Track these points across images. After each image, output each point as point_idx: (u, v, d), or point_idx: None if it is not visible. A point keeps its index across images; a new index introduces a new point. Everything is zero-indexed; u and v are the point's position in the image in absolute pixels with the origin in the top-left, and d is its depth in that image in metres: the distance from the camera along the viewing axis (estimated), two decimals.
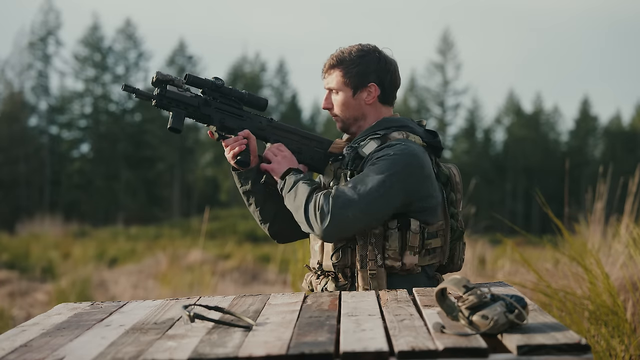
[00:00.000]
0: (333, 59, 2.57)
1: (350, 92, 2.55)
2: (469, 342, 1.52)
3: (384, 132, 2.49)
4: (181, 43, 42.67)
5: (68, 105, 40.47)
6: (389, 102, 2.61)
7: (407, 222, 2.41)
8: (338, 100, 2.57)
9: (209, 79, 2.61)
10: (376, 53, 2.56)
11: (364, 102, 2.56)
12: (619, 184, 5.41)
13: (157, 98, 2.51)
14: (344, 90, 2.55)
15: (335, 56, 2.57)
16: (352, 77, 2.54)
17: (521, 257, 4.54)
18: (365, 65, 2.54)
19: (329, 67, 2.57)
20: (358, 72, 2.53)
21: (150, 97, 2.53)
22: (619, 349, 3.59)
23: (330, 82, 2.58)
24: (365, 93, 2.55)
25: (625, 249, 4.60)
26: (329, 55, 2.59)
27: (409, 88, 44.87)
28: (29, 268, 12.56)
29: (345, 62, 2.54)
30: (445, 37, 43.59)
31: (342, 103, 2.56)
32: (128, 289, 9.63)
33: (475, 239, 7.88)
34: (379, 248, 2.41)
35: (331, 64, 2.57)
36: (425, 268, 2.48)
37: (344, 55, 2.55)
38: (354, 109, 2.56)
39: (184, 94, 2.55)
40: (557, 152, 44.52)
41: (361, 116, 2.57)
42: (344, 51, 2.57)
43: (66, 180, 38.88)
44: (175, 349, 1.61)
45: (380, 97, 2.57)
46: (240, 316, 1.88)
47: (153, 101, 2.52)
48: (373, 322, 1.78)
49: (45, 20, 39.82)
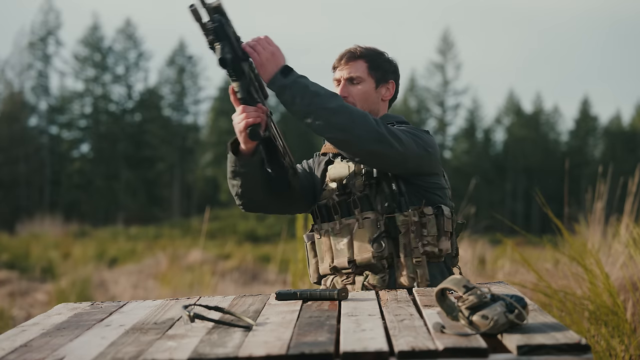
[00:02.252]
0: (358, 51, 2.57)
1: (373, 84, 2.57)
2: (469, 342, 1.52)
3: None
4: (181, 43, 42.68)
5: (68, 105, 40.49)
6: (392, 104, 2.69)
7: (440, 208, 2.46)
8: (359, 89, 2.56)
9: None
10: (388, 56, 2.64)
11: (382, 97, 2.60)
12: (619, 184, 5.41)
13: (218, 22, 2.26)
14: (368, 81, 2.57)
15: (359, 49, 2.58)
16: (377, 70, 2.58)
17: (521, 257, 4.54)
18: (388, 63, 2.61)
19: (352, 57, 2.57)
20: (382, 67, 2.59)
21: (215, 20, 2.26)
22: (619, 349, 3.59)
23: (354, 71, 2.56)
24: (384, 89, 2.60)
25: (625, 249, 4.60)
26: (349, 49, 2.58)
27: (409, 88, 44.89)
28: (29, 268, 12.57)
29: (371, 56, 2.58)
30: (445, 37, 43.61)
31: (364, 92, 2.56)
32: (128, 289, 9.63)
33: (475, 239, 7.88)
34: (419, 235, 2.42)
35: (356, 55, 2.57)
36: (446, 257, 2.51)
37: (367, 50, 2.59)
38: (372, 102, 2.58)
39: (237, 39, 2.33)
40: (557, 152, 44.53)
41: (375, 110, 2.59)
42: (364, 47, 2.60)
43: (66, 180, 38.89)
44: (175, 349, 1.61)
45: (392, 97, 2.65)
46: (240, 316, 1.88)
47: (213, 24, 2.26)
48: (373, 322, 1.78)
49: (45, 20, 39.84)
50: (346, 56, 2.56)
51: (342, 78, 2.56)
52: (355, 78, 2.55)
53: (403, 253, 2.42)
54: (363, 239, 2.44)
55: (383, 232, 2.43)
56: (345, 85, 2.55)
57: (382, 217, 2.44)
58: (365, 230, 2.44)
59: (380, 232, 2.43)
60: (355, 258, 2.45)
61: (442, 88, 43.98)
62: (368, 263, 2.44)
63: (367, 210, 2.45)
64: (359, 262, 2.45)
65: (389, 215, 2.44)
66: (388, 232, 2.43)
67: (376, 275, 2.44)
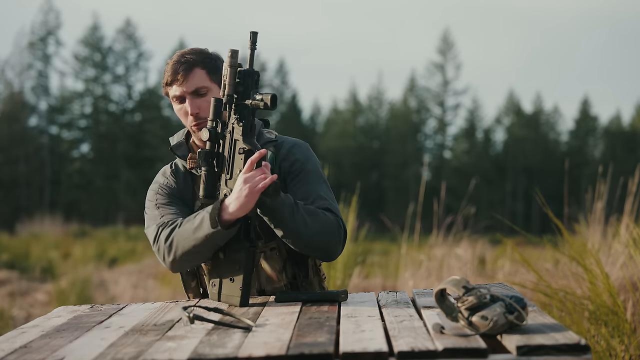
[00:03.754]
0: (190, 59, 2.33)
1: (218, 89, 2.35)
2: (469, 343, 1.52)
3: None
4: (181, 43, 42.67)
5: (68, 105, 40.51)
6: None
7: None
8: (209, 101, 2.28)
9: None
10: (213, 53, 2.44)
11: None
12: (619, 184, 5.41)
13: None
14: (213, 89, 2.35)
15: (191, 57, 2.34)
16: (216, 73, 2.36)
17: (521, 257, 4.54)
18: (219, 61, 2.41)
19: (189, 67, 2.31)
20: (219, 68, 2.38)
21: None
22: (619, 349, 3.59)
23: (197, 82, 2.31)
24: None
25: (625, 249, 4.60)
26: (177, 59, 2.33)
27: (409, 88, 44.90)
28: (29, 268, 12.57)
29: (204, 61, 2.35)
30: (445, 37, 43.62)
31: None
32: (128, 289, 9.63)
33: (475, 239, 7.88)
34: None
35: (191, 64, 2.32)
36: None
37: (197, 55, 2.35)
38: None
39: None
40: (557, 152, 44.54)
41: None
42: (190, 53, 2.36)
43: (66, 180, 38.91)
44: (175, 349, 1.61)
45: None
46: (240, 317, 1.88)
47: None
48: (372, 323, 1.78)
49: (45, 20, 39.86)
50: (182, 67, 2.29)
51: (184, 93, 2.30)
52: (200, 89, 2.30)
53: (312, 273, 2.38)
54: (272, 269, 2.32)
55: (286, 259, 2.33)
56: (192, 100, 2.30)
57: (285, 245, 2.30)
58: (273, 261, 2.33)
59: (284, 261, 2.34)
60: (264, 288, 2.35)
61: (442, 88, 43.99)
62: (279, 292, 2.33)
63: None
64: (269, 292, 2.34)
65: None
66: (293, 257, 2.34)
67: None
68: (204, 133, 2.16)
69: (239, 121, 2.14)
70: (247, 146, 2.13)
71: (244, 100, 2.15)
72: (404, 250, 6.44)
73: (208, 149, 2.18)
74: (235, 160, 2.15)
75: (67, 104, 40.54)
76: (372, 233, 9.40)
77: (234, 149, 2.16)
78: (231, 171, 2.16)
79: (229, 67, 2.14)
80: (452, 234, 6.59)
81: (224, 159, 2.17)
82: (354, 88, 48.77)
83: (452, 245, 6.57)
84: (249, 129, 2.15)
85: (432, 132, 45.50)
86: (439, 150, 45.28)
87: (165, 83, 2.34)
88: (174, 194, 2.41)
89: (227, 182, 2.16)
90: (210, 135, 2.16)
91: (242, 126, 2.14)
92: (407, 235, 6.45)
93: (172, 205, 2.37)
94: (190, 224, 2.19)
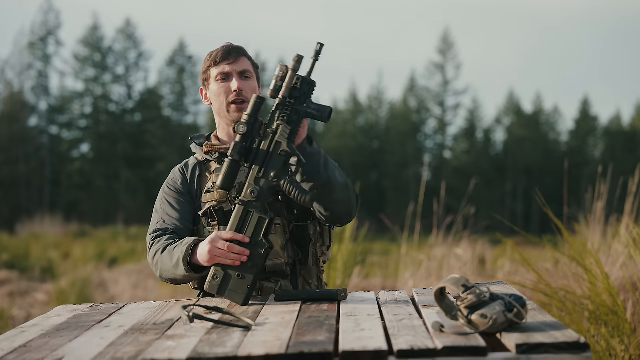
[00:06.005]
0: (239, 48, 2.51)
1: (256, 82, 2.53)
2: (468, 341, 1.52)
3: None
4: (181, 43, 42.69)
5: (68, 105, 40.49)
6: None
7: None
8: (251, 85, 2.50)
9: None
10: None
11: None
12: (619, 184, 5.41)
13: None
14: (254, 78, 2.52)
15: (239, 47, 2.52)
16: (256, 69, 2.56)
17: (521, 257, 4.54)
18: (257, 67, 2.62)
19: (239, 52, 2.50)
20: (257, 67, 2.57)
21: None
22: (619, 349, 3.59)
23: (245, 65, 2.49)
24: (258, 88, 2.55)
25: (625, 249, 4.60)
26: (229, 45, 2.50)
27: (409, 88, 44.89)
28: (29, 268, 12.57)
29: (249, 56, 2.54)
30: (445, 37, 43.60)
31: (254, 88, 2.50)
32: (128, 289, 9.63)
33: (475, 239, 7.88)
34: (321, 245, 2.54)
35: (240, 51, 2.50)
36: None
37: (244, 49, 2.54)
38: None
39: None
40: (557, 152, 44.51)
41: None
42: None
43: (66, 180, 38.89)
44: (175, 348, 1.61)
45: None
46: (240, 316, 1.88)
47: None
48: (372, 322, 1.78)
49: (45, 20, 39.84)
50: (234, 51, 2.48)
51: (233, 71, 2.46)
52: (247, 72, 2.48)
53: (311, 261, 2.44)
54: (275, 244, 2.38)
55: (289, 239, 2.42)
56: (239, 79, 2.46)
57: (290, 224, 2.42)
58: (277, 237, 2.39)
59: (287, 239, 2.42)
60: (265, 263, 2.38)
61: (442, 88, 43.97)
62: (279, 269, 2.40)
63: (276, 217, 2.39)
64: (269, 267, 2.40)
65: (299, 224, 2.42)
66: (294, 239, 2.43)
67: (284, 280, 2.42)
68: (242, 126, 2.20)
69: (287, 124, 2.17)
70: (289, 150, 2.16)
71: (297, 105, 2.17)
72: (404, 250, 6.44)
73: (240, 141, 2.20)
74: (273, 160, 2.18)
75: (67, 104, 40.53)
76: (372, 233, 9.40)
77: (273, 149, 2.18)
78: (266, 169, 2.18)
79: (291, 70, 2.18)
80: (452, 234, 6.59)
81: (259, 156, 2.19)
82: (354, 88, 48.79)
83: (452, 245, 6.57)
84: (294, 134, 2.18)
85: (432, 132, 45.49)
86: (439, 150, 45.26)
87: (214, 62, 2.47)
88: (180, 190, 2.52)
89: (257, 180, 2.19)
90: (247, 129, 2.19)
91: (289, 130, 2.17)
92: (407, 235, 6.45)
93: (176, 206, 2.50)
94: (170, 259, 2.33)
